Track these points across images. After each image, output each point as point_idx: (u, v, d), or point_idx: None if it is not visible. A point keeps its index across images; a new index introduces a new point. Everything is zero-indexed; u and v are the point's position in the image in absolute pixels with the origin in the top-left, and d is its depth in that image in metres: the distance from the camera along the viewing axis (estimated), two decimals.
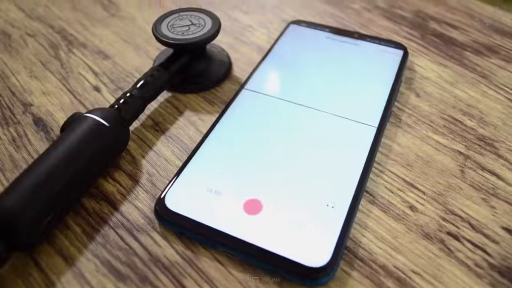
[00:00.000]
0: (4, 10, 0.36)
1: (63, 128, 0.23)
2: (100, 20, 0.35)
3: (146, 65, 0.31)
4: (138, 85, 0.25)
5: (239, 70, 0.30)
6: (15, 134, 0.26)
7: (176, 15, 0.29)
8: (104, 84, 0.29)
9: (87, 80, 0.29)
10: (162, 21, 0.28)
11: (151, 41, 0.33)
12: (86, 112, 0.23)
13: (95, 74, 0.30)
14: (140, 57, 0.31)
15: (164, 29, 0.27)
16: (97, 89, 0.29)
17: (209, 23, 0.28)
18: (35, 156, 0.25)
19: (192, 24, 0.28)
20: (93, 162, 0.22)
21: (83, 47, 0.32)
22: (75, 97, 0.28)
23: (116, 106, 0.24)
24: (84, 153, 0.21)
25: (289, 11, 0.36)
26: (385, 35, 0.34)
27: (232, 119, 0.25)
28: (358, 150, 0.24)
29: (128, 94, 0.25)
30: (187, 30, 0.27)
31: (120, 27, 0.34)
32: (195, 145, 0.25)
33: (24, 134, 0.26)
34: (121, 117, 0.24)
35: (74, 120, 0.23)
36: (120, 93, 0.28)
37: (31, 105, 0.28)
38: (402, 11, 0.36)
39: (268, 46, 0.32)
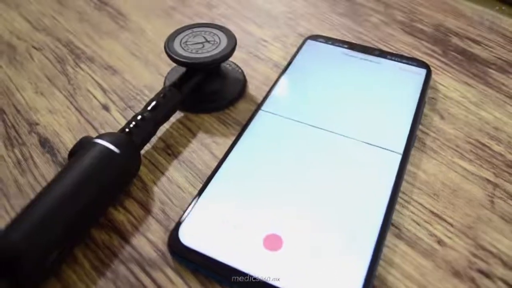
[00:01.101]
0: (9, 20, 0.35)
1: (71, 153, 0.22)
2: (108, 32, 0.34)
3: (157, 82, 0.29)
4: (150, 107, 0.24)
5: (254, 88, 0.29)
6: (20, 156, 0.25)
7: (189, 31, 0.27)
8: (113, 102, 0.28)
9: (95, 98, 0.28)
10: (175, 37, 0.27)
11: (162, 56, 0.31)
12: (96, 137, 0.22)
13: (104, 91, 0.29)
14: (150, 73, 0.30)
15: (177, 46, 0.26)
16: (105, 107, 0.27)
17: (224, 40, 0.26)
18: (41, 180, 0.24)
19: (206, 41, 0.26)
20: (104, 192, 0.21)
21: (91, 61, 0.31)
22: (82, 116, 0.27)
23: (127, 129, 0.23)
24: (94, 183, 0.20)
25: (304, 24, 0.35)
26: (405, 51, 0.32)
27: (249, 144, 0.24)
28: (383, 180, 0.22)
29: (139, 117, 0.23)
30: (201, 48, 0.26)
31: (129, 40, 0.33)
32: (209, 170, 0.24)
33: (30, 156, 0.25)
34: (132, 142, 0.22)
35: (82, 145, 0.22)
36: (129, 112, 0.27)
37: (37, 124, 0.27)
38: (422, 25, 0.35)
39: (284, 62, 0.31)
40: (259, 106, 0.26)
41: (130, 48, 0.32)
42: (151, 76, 0.30)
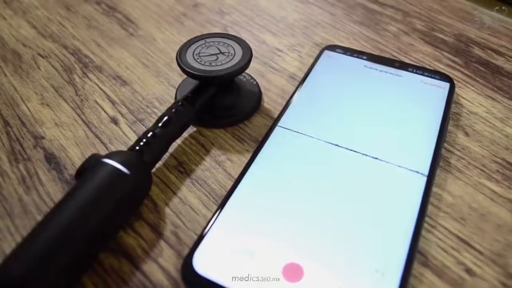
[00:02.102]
0: (15, 26, 0.34)
1: (79, 172, 0.21)
2: (117, 40, 0.33)
3: (168, 93, 0.28)
4: (161, 123, 0.23)
5: (269, 101, 0.28)
6: (25, 173, 0.24)
7: (202, 41, 0.26)
8: (122, 115, 0.27)
9: (104, 110, 0.27)
10: (187, 48, 0.25)
11: (173, 66, 0.30)
12: (105, 157, 0.20)
13: (112, 103, 0.27)
14: (161, 84, 0.29)
15: (189, 58, 0.25)
16: (114, 121, 0.26)
17: (239, 52, 0.25)
18: (46, 199, 0.22)
19: (220, 52, 0.25)
20: (113, 217, 0.19)
21: (99, 70, 0.30)
22: (90, 129, 0.26)
23: (137, 147, 0.22)
24: (103, 208, 0.19)
25: (320, 33, 0.33)
26: (426, 62, 0.31)
27: (266, 164, 0.23)
28: (408, 204, 0.21)
29: (150, 134, 0.22)
30: (215, 60, 0.25)
31: (138, 49, 0.32)
32: (224, 191, 0.23)
33: (35, 172, 0.24)
34: (143, 162, 0.21)
35: (90, 165, 0.20)
36: (139, 126, 0.26)
37: (43, 138, 0.25)
38: (443, 35, 0.34)
39: (300, 74, 0.29)
40: (275, 122, 0.25)
41: (139, 57, 0.31)
42: (161, 88, 0.29)
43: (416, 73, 0.28)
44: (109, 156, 0.20)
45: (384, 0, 0.37)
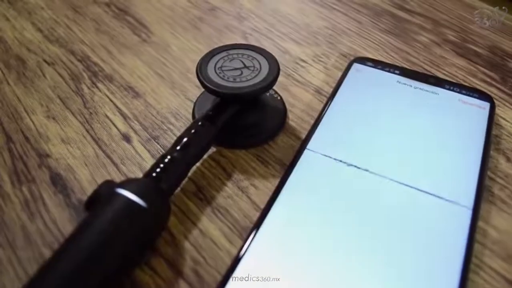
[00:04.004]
0: (19, 29, 0.32)
1: (90, 202, 0.19)
2: (128, 46, 0.30)
3: (184, 108, 0.26)
4: (180, 145, 0.21)
5: (294, 118, 0.25)
6: (28, 196, 0.21)
7: (225, 53, 0.24)
8: (135, 131, 0.24)
9: (115, 126, 0.25)
10: (209, 61, 0.23)
11: (189, 76, 0.28)
12: (119, 186, 0.18)
13: (124, 117, 0.25)
14: (176, 97, 0.27)
15: (211, 72, 0.22)
16: (126, 138, 0.24)
17: (265, 66, 0.23)
18: (52, 227, 0.20)
19: (245, 67, 0.23)
20: (128, 254, 0.17)
21: (109, 80, 0.28)
22: (100, 147, 0.24)
23: (154, 174, 0.19)
24: (118, 245, 0.17)
25: (346, 42, 0.31)
26: (460, 77, 0.29)
27: (296, 194, 0.20)
28: (452, 242, 0.19)
29: (167, 158, 0.20)
30: (239, 75, 0.22)
31: (151, 56, 0.29)
32: (247, 221, 0.20)
33: (40, 196, 0.21)
34: (161, 190, 0.19)
35: (103, 195, 0.18)
36: (153, 144, 0.24)
37: (48, 156, 0.23)
38: (476, 47, 0.31)
39: (326, 87, 0.27)
40: (304, 144, 0.23)
41: (153, 65, 0.29)
42: (177, 101, 0.26)
43: (453, 90, 0.26)
44: (124, 185, 0.18)
45: (412, 7, 0.35)
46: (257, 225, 0.19)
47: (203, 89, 0.26)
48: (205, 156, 0.23)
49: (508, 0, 0.35)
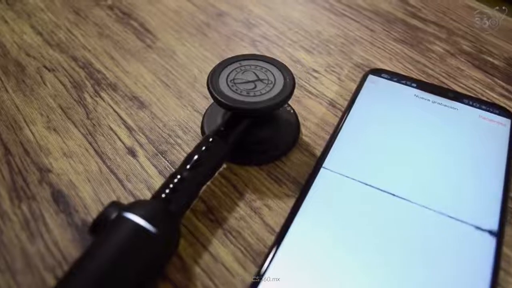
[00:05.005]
0: (18, 32, 0.30)
1: (95, 225, 0.17)
2: (133, 52, 0.29)
3: (192, 120, 0.25)
4: (190, 164, 0.19)
5: (308, 133, 0.24)
6: (28, 215, 0.20)
7: (237, 64, 0.23)
8: (141, 145, 0.23)
9: (119, 139, 0.23)
10: (220, 72, 0.22)
11: (196, 86, 0.27)
12: (127, 209, 0.17)
13: (129, 130, 0.24)
14: (184, 108, 0.25)
15: (223, 85, 0.21)
16: (132, 152, 0.23)
17: (279, 79, 0.22)
18: (54, 250, 0.19)
19: (258, 79, 0.22)
20: (137, 281, 0.16)
21: (113, 89, 0.26)
22: (104, 162, 0.22)
23: (163, 195, 0.18)
24: (126, 272, 0.16)
25: (359, 51, 0.30)
26: (478, 90, 0.28)
27: (313, 217, 0.19)
28: (476, 270, 0.18)
29: (177, 178, 0.19)
30: (253, 88, 0.21)
31: (157, 64, 0.28)
32: (261, 245, 0.19)
33: (40, 215, 0.20)
34: (170, 214, 0.18)
35: (110, 218, 0.17)
36: (160, 159, 0.23)
37: (49, 171, 0.22)
38: (492, 58, 0.30)
39: (341, 100, 0.26)
40: (319, 162, 0.22)
41: (158, 73, 0.27)
42: (184, 112, 0.25)
43: (472, 105, 0.25)
44: (131, 208, 0.17)
45: (425, 14, 0.34)
46: (272, 250, 0.18)
47: (211, 100, 0.25)
48: (215, 174, 0.22)
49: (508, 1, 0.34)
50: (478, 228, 0.20)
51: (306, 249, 0.18)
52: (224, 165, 0.22)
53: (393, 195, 0.20)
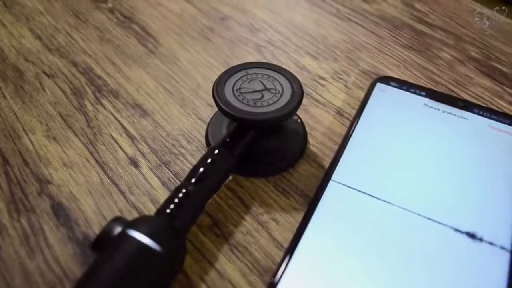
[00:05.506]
0: (16, 36, 0.29)
1: (97, 241, 0.17)
2: (135, 58, 0.28)
3: (196, 129, 0.24)
4: (196, 178, 0.19)
5: (315, 143, 0.24)
6: (28, 229, 0.20)
7: (243, 73, 0.22)
8: (143, 155, 0.23)
9: (121, 148, 0.23)
10: (226, 81, 0.21)
11: (200, 93, 0.26)
12: (130, 225, 0.16)
13: (131, 138, 0.23)
14: (187, 117, 0.25)
15: (229, 94, 0.21)
16: (134, 163, 0.22)
17: (287, 89, 0.21)
18: (54, 266, 0.18)
19: (266, 89, 0.21)
20: None
21: (115, 96, 0.26)
22: (105, 173, 0.22)
23: (168, 210, 0.18)
24: None
25: (365, 57, 0.29)
26: (486, 98, 0.27)
27: (322, 232, 0.19)
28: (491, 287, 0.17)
29: (182, 192, 0.18)
30: (260, 98, 0.20)
31: (159, 70, 0.28)
32: (269, 261, 0.19)
33: (40, 229, 0.20)
34: (175, 230, 0.17)
35: (111, 235, 0.16)
36: (164, 171, 0.22)
37: (49, 182, 0.21)
38: (501, 65, 0.30)
39: (348, 109, 0.25)
40: (328, 175, 0.21)
41: (161, 80, 0.27)
42: (188, 121, 0.24)
43: (482, 115, 0.25)
44: (135, 225, 0.17)
45: (432, 19, 0.33)
46: (282, 267, 0.18)
47: (215, 108, 0.24)
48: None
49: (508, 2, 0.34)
50: (490, 243, 0.19)
51: (316, 266, 0.18)
52: (230, 177, 0.22)
53: (406, 209, 0.20)
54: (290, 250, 0.18)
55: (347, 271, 0.18)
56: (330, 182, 0.21)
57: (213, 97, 0.20)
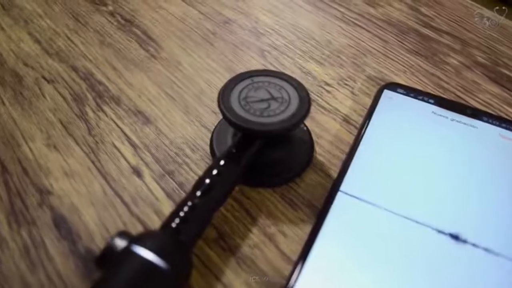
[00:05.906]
0: (15, 40, 0.29)
1: (102, 257, 0.16)
2: (136, 62, 0.28)
3: (200, 137, 0.23)
4: (201, 190, 0.18)
5: (322, 152, 0.23)
6: (28, 241, 0.19)
7: (249, 81, 0.21)
8: (146, 164, 0.22)
9: (124, 157, 0.22)
10: (232, 89, 0.21)
11: (203, 99, 0.26)
12: (135, 241, 0.16)
13: (134, 147, 0.23)
14: (191, 124, 0.24)
15: (235, 103, 0.20)
16: (137, 172, 0.22)
17: (294, 97, 0.21)
18: (56, 280, 0.18)
19: (272, 98, 0.20)
20: None
21: (116, 103, 0.25)
22: (108, 183, 0.21)
23: (173, 225, 0.17)
24: None
25: (371, 62, 0.29)
26: (495, 105, 0.27)
27: (331, 245, 0.18)
28: None
29: (188, 206, 0.18)
30: (267, 108, 0.20)
31: (162, 75, 0.27)
32: (277, 276, 0.18)
33: (41, 242, 0.19)
34: (181, 245, 0.17)
35: (115, 251, 0.16)
36: (168, 181, 0.21)
37: (50, 193, 0.21)
38: (508, 71, 0.29)
39: (355, 116, 0.25)
40: (336, 185, 0.20)
41: (163, 86, 0.26)
42: (192, 128, 0.24)
43: (492, 123, 0.24)
44: (140, 241, 0.16)
45: (438, 24, 0.33)
46: (290, 282, 0.17)
47: (220, 115, 0.24)
48: None
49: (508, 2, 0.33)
50: (500, 255, 0.19)
51: (326, 279, 0.17)
52: (236, 187, 0.21)
53: (417, 222, 0.19)
54: (299, 263, 0.18)
55: (359, 285, 0.17)
56: (338, 193, 0.20)
57: (219, 106, 0.20)
